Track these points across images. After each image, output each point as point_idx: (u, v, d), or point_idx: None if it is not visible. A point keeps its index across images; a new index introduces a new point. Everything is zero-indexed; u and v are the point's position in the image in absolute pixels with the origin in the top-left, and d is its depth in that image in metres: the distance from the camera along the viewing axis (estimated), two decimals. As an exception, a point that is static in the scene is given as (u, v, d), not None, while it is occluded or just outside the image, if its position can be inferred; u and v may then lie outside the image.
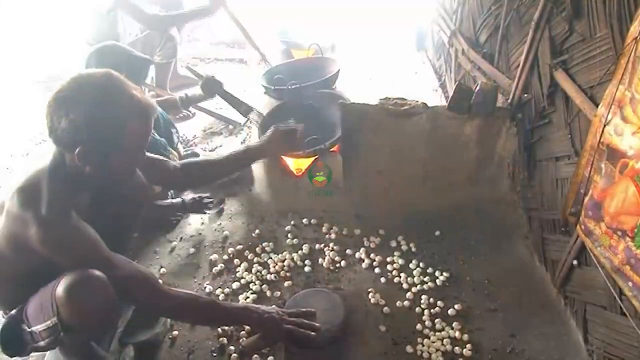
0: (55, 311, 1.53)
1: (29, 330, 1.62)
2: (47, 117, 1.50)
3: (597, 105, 1.69)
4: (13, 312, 1.67)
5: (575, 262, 1.94)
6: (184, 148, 3.35)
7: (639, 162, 1.48)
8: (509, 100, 2.43)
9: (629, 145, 1.51)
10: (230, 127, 3.77)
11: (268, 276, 2.38)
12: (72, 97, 1.48)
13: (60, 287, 1.50)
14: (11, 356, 1.74)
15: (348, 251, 2.52)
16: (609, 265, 1.66)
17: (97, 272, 1.53)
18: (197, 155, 3.12)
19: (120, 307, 1.67)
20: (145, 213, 2.59)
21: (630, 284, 1.56)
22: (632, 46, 1.47)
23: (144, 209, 2.06)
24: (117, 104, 1.51)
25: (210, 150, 3.55)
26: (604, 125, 1.62)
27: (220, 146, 3.65)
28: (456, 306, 2.17)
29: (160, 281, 1.75)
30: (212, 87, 2.98)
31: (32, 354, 1.97)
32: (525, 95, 2.32)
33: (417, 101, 2.53)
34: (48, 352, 1.90)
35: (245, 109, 2.95)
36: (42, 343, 1.60)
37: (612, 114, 1.58)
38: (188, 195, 2.82)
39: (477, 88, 2.40)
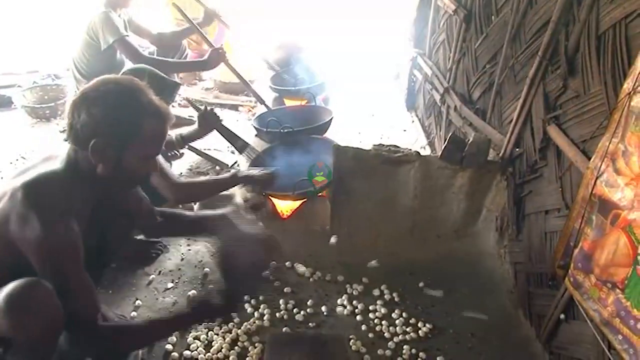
0: None
1: None
2: (69, 114, 1.55)
3: (589, 159, 1.72)
4: None
5: (562, 316, 1.92)
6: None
7: (631, 213, 1.49)
8: (500, 155, 2.47)
9: (621, 197, 1.53)
10: (217, 168, 3.75)
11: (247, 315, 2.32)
12: (95, 95, 1.53)
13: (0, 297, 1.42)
14: None
15: (330, 297, 2.46)
16: (598, 318, 1.65)
17: (43, 281, 1.44)
18: None
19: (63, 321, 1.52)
20: (125, 247, 2.55)
21: (619, 336, 1.54)
22: (626, 101, 1.52)
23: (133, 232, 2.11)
24: (136, 102, 1.56)
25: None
26: (597, 177, 1.65)
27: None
28: (438, 358, 2.11)
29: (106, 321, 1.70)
30: (210, 120, 2.92)
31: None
32: (517, 149, 2.36)
33: (410, 149, 2.56)
34: None
35: (241, 145, 2.97)
36: None
37: (605, 166, 1.61)
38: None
39: (470, 140, 2.43)
